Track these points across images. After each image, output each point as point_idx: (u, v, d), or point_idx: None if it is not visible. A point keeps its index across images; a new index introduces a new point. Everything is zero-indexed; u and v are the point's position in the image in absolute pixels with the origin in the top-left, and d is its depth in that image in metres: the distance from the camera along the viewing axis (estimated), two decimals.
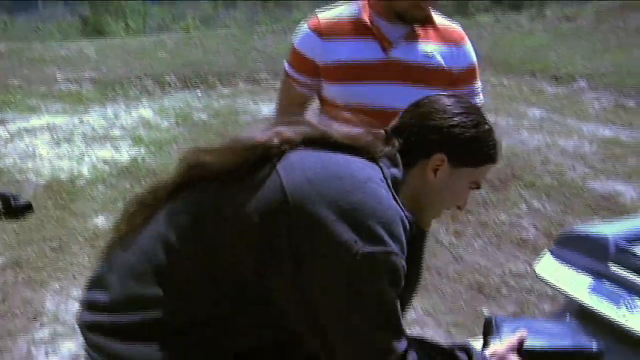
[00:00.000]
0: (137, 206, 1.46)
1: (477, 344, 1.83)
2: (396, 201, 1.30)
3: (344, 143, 1.37)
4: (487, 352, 1.52)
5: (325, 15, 2.23)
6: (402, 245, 1.26)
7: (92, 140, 7.18)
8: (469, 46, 2.28)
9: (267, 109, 8.00)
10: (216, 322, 1.32)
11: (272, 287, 1.29)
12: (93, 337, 1.35)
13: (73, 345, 3.33)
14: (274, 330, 1.36)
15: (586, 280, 1.64)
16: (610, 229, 1.67)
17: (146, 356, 1.28)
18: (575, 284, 1.65)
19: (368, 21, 2.14)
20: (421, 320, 3.57)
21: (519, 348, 1.52)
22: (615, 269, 1.59)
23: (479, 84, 2.33)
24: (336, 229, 1.21)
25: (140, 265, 1.34)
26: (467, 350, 1.48)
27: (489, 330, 1.59)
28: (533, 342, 1.53)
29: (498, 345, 1.52)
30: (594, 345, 1.49)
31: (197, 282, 1.32)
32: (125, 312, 1.32)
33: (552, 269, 1.73)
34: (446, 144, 1.40)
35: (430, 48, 2.17)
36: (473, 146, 1.43)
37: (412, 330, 3.46)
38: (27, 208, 5.09)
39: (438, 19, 2.24)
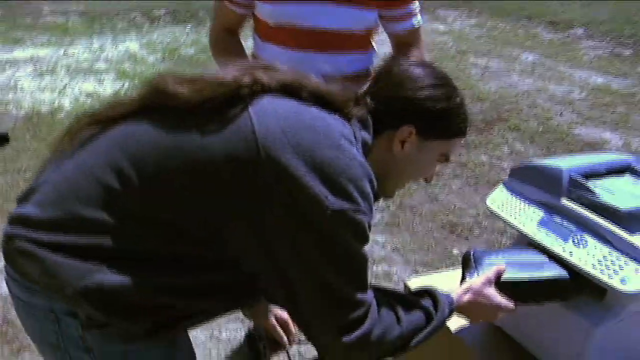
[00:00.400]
0: (87, 121, 1.36)
1: (441, 277, 1.81)
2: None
3: (319, 95, 1.32)
4: (463, 287, 1.50)
5: None
6: (371, 204, 1.24)
7: (76, 73, 7.07)
8: None
9: None
10: (164, 258, 1.26)
11: (234, 234, 1.24)
12: (26, 247, 1.24)
13: None
14: (227, 274, 1.30)
15: (537, 213, 1.59)
16: (565, 163, 1.61)
17: (84, 272, 1.20)
18: (526, 217, 1.60)
19: None
20: (389, 257, 3.54)
21: (497, 280, 1.50)
22: (567, 203, 1.53)
23: (416, 5, 2.23)
24: (307, 181, 1.17)
25: (87, 188, 1.24)
26: (432, 296, 1.45)
27: (467, 265, 1.57)
28: (511, 274, 1.51)
29: (474, 280, 1.50)
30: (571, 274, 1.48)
31: (151, 218, 1.24)
32: (65, 232, 1.24)
33: (503, 201, 1.68)
34: (416, 116, 1.37)
35: None
36: (443, 119, 1.40)
37: (380, 267, 3.44)
38: (3, 139, 5.02)
39: None
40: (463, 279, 1.55)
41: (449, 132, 1.43)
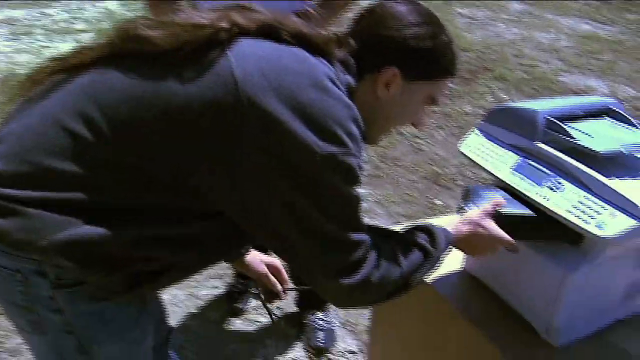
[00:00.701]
0: (52, 68, 1.27)
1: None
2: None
3: (299, 36, 1.24)
4: (461, 218, 1.46)
5: None
6: (359, 145, 1.19)
7: (54, 34, 6.90)
8: None
9: None
10: (143, 209, 1.20)
11: (216, 185, 1.17)
12: None
13: None
14: (213, 225, 1.25)
15: (512, 158, 1.53)
16: (541, 105, 1.54)
17: (60, 225, 1.14)
18: (500, 161, 1.54)
19: None
20: (372, 210, 3.50)
21: (495, 213, 1.45)
22: (542, 146, 1.47)
23: None
24: (293, 127, 1.11)
25: (54, 138, 1.15)
26: (428, 231, 1.40)
27: (467, 198, 1.52)
28: (511, 209, 1.46)
29: (472, 211, 1.46)
30: None
31: (126, 167, 1.17)
32: (34, 187, 1.15)
33: (477, 146, 1.62)
34: (400, 56, 1.30)
35: None
36: (429, 59, 1.33)
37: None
38: None
39: None
40: (461, 212, 1.50)
41: (436, 72, 1.36)
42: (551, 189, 1.43)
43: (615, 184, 1.36)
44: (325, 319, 2.71)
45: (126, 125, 1.16)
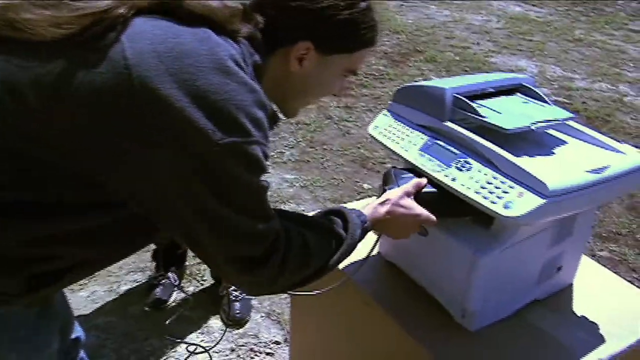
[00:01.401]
0: None
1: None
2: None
3: (200, 13, 1.10)
4: (379, 199, 1.39)
5: None
6: (265, 131, 1.08)
7: None
8: None
9: None
10: (40, 203, 1.08)
11: (114, 174, 1.06)
12: None
13: None
14: (114, 217, 1.14)
15: (421, 138, 1.48)
16: (450, 83, 1.49)
17: None
18: (409, 142, 1.49)
19: None
20: (298, 195, 3.42)
21: (418, 194, 1.40)
22: (450, 125, 1.42)
23: None
24: (190, 115, 0.99)
25: None
26: (342, 215, 1.34)
27: (387, 180, 1.46)
28: (431, 188, 1.42)
29: (392, 192, 1.40)
30: None
31: (23, 159, 1.05)
32: None
33: (386, 127, 1.55)
34: (313, 29, 1.19)
35: None
36: (346, 30, 1.22)
37: (288, 205, 3.33)
38: None
39: None
40: (381, 194, 1.44)
41: (354, 44, 1.26)
42: (459, 169, 1.37)
43: (524, 161, 1.31)
44: (175, 283, 2.75)
45: (11, 119, 1.04)
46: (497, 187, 1.30)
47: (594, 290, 1.71)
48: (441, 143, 1.44)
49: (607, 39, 7.48)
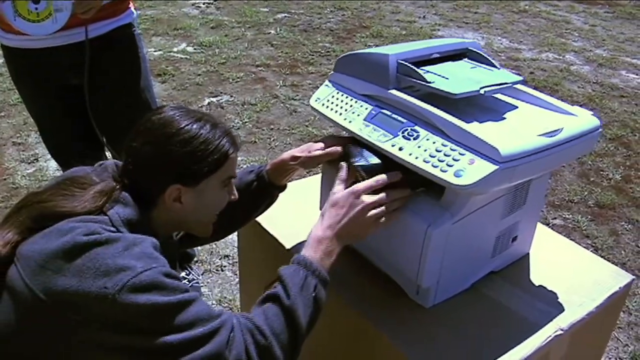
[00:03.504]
0: None
1: (299, 184, 1.60)
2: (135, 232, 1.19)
3: (65, 214, 1.19)
4: (318, 222, 1.31)
5: None
6: (150, 254, 1.13)
7: None
8: None
9: None
10: None
11: None
12: None
13: None
14: None
15: (365, 108, 1.40)
16: (394, 50, 1.41)
17: None
18: (353, 113, 1.40)
19: None
20: None
21: (356, 176, 1.33)
22: (395, 93, 1.34)
23: None
24: (82, 289, 1.06)
25: None
26: (280, 281, 1.23)
27: (349, 155, 1.37)
28: (375, 159, 1.35)
29: (326, 206, 1.32)
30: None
31: None
32: None
33: (328, 98, 1.47)
34: (171, 174, 1.25)
35: None
36: (198, 160, 1.25)
37: None
38: None
39: None
40: (349, 168, 1.35)
41: (215, 165, 1.27)
42: (406, 138, 1.30)
43: (474, 127, 1.25)
44: (188, 276, 2.69)
45: None
46: (446, 155, 1.24)
47: (551, 258, 1.67)
48: (386, 112, 1.36)
49: (552, 10, 7.51)
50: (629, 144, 4.07)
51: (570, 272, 1.62)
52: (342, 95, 1.46)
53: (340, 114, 1.43)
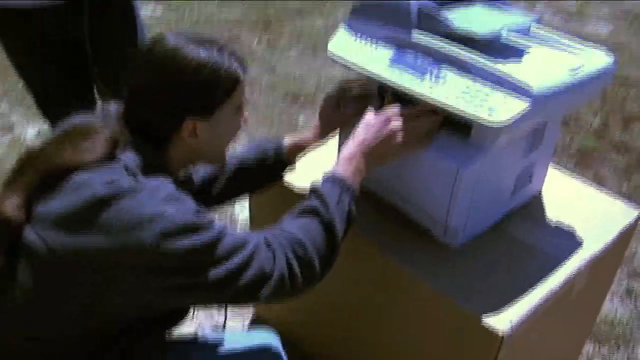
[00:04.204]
0: None
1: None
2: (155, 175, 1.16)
3: (75, 167, 1.13)
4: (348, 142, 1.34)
5: None
6: (176, 197, 1.11)
7: None
8: None
9: None
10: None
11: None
12: None
13: None
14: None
15: (387, 52, 1.40)
16: None
17: None
18: (374, 58, 1.41)
19: None
20: None
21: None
22: (419, 36, 1.35)
23: None
24: (113, 245, 1.05)
25: None
26: (315, 192, 1.27)
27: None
28: None
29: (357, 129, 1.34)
30: None
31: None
32: None
33: (346, 44, 1.47)
34: (184, 109, 1.21)
35: None
36: (209, 91, 1.21)
37: None
38: None
39: None
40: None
41: (226, 94, 1.23)
42: (435, 78, 1.31)
43: (502, 66, 1.26)
44: None
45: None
46: (477, 93, 1.26)
47: (563, 196, 1.70)
48: (410, 55, 1.37)
49: None
50: (604, 90, 4.14)
51: (581, 208, 1.67)
52: (361, 40, 1.46)
53: (363, 59, 1.43)
